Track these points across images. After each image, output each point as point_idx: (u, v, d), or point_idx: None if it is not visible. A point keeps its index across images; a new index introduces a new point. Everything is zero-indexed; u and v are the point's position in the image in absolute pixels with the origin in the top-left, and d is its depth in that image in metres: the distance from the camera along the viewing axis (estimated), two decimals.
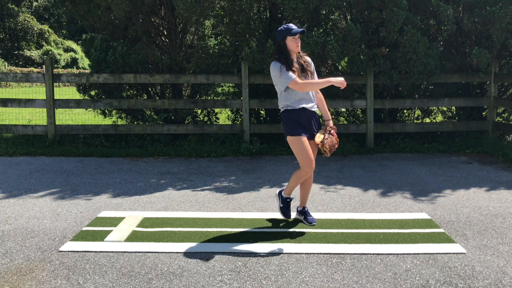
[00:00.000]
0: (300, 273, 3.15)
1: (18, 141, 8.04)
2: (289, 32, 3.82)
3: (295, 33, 3.83)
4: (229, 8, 7.54)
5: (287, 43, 3.87)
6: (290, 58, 3.88)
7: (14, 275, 3.11)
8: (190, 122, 8.44)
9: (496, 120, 8.06)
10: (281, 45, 3.88)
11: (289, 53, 3.88)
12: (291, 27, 3.84)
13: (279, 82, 3.86)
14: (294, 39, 3.86)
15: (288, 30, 3.83)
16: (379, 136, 8.14)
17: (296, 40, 3.87)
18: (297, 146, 3.82)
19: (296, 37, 3.86)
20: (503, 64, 8.28)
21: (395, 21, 7.07)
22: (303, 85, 3.76)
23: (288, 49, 3.87)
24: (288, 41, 3.86)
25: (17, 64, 34.65)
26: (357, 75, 7.71)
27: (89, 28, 8.76)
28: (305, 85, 3.77)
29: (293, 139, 3.84)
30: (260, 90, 8.34)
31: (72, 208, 4.57)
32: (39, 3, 44.78)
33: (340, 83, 3.78)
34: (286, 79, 3.78)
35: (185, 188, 5.39)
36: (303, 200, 4.16)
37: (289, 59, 3.87)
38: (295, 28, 3.85)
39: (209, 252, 3.48)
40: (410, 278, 3.08)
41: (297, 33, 3.84)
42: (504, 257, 3.41)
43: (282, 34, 3.86)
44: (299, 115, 3.88)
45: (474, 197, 4.95)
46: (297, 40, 3.88)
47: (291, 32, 3.82)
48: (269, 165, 6.63)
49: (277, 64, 3.85)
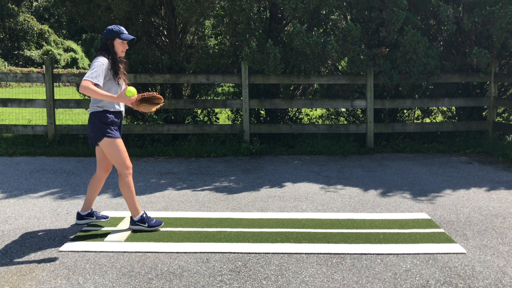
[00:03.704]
0: (300, 273, 3.15)
1: (18, 141, 8.04)
2: (119, 35, 3.79)
3: (125, 39, 3.80)
4: (229, 8, 7.55)
5: (114, 44, 3.81)
6: (118, 60, 3.83)
7: (14, 275, 3.11)
8: (190, 122, 8.44)
9: (496, 120, 8.06)
10: (108, 44, 3.79)
11: (116, 53, 3.82)
12: (122, 31, 3.81)
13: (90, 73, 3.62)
14: (123, 43, 3.83)
15: (119, 33, 3.79)
16: (379, 136, 8.14)
17: (124, 45, 3.84)
18: (116, 148, 3.78)
19: (125, 42, 3.83)
20: (503, 64, 8.28)
21: (395, 21, 7.07)
22: (92, 91, 3.55)
23: (114, 50, 3.81)
24: (116, 43, 3.80)
25: (17, 64, 34.67)
26: (357, 75, 7.71)
27: (89, 28, 8.76)
28: (95, 92, 3.56)
29: (111, 141, 3.77)
30: (260, 90, 8.35)
31: (72, 208, 4.57)
32: (39, 3, 44.77)
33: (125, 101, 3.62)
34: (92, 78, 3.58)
35: (185, 188, 5.39)
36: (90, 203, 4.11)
37: (116, 59, 3.80)
38: (126, 33, 3.83)
39: (209, 252, 3.48)
40: (410, 278, 3.08)
41: (127, 40, 3.81)
42: (504, 257, 3.41)
43: (111, 34, 3.78)
44: (117, 117, 3.84)
45: (474, 197, 4.95)
46: (125, 46, 3.85)
47: (121, 36, 3.79)
48: (269, 165, 6.63)
49: (105, 60, 3.72)
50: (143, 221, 3.91)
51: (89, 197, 4.08)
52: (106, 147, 3.78)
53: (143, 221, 3.91)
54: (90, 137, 3.85)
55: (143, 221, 3.91)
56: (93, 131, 3.78)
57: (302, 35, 7.05)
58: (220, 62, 8.10)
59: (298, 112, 8.85)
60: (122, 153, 3.80)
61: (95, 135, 3.79)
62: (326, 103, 7.85)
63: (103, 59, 3.72)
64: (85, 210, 4.11)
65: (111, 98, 3.59)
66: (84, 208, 4.11)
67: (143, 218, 3.92)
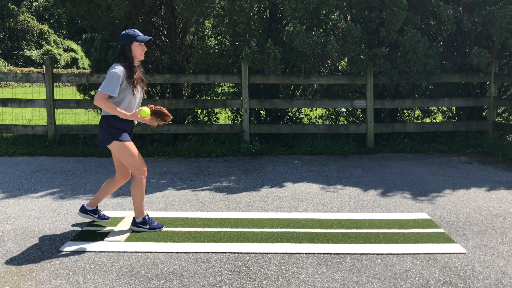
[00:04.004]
0: (300, 273, 3.15)
1: (18, 141, 8.04)
2: (136, 38, 3.76)
3: (142, 40, 3.77)
4: (229, 8, 7.55)
5: (132, 49, 3.76)
6: (134, 66, 3.78)
7: (14, 275, 3.11)
8: (190, 122, 8.44)
9: (496, 120, 8.06)
10: (125, 50, 3.75)
11: (133, 59, 3.79)
12: (138, 33, 3.78)
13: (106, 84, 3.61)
14: (140, 46, 3.80)
15: (135, 36, 3.76)
16: (379, 136, 8.14)
17: (142, 47, 3.81)
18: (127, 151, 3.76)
19: (143, 44, 3.80)
20: (503, 64, 8.28)
21: (395, 21, 7.07)
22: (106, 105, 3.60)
23: (132, 55, 3.77)
24: (134, 47, 3.77)
25: (17, 64, 34.67)
26: (357, 75, 7.71)
27: (89, 28, 8.76)
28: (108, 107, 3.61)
29: (120, 144, 3.74)
30: (260, 90, 8.35)
31: (72, 208, 4.57)
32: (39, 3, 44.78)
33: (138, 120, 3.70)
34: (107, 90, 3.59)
35: (185, 188, 5.39)
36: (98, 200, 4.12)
37: (133, 67, 3.76)
38: (142, 35, 3.80)
39: (209, 252, 3.48)
40: (410, 278, 3.08)
41: (144, 41, 3.78)
42: (504, 257, 3.41)
43: (128, 38, 3.75)
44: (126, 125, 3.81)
45: (474, 197, 4.95)
46: (143, 48, 3.82)
47: (138, 39, 3.76)
48: (269, 165, 6.63)
49: (121, 68, 3.67)
50: (145, 223, 3.92)
51: (99, 194, 4.08)
52: (117, 151, 3.78)
53: (144, 223, 3.92)
54: (99, 139, 3.84)
55: (145, 223, 3.92)
56: (102, 134, 3.78)
57: (302, 35, 7.05)
58: (220, 62, 8.10)
59: (298, 112, 8.85)
60: (134, 156, 3.78)
61: (103, 138, 3.78)
62: (326, 103, 7.85)
63: (119, 68, 3.67)
64: (91, 206, 4.11)
65: (124, 115, 3.64)
66: (91, 204, 4.11)
67: (145, 220, 3.92)
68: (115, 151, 3.79)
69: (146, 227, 3.91)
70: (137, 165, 3.80)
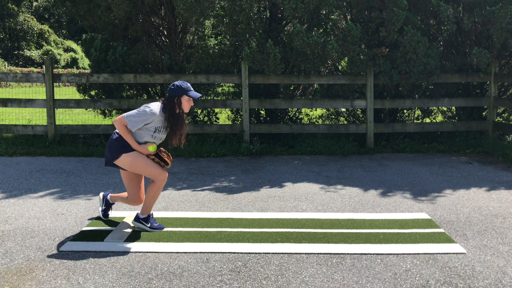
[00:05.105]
0: (300, 273, 3.15)
1: (18, 141, 8.04)
2: (187, 93, 3.74)
3: (193, 96, 3.76)
4: (229, 8, 7.55)
5: (182, 101, 3.76)
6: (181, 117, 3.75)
7: (14, 275, 3.11)
8: (190, 122, 8.44)
9: (496, 120, 8.06)
10: (174, 101, 3.74)
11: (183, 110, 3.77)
12: (190, 88, 3.77)
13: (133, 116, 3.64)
14: (189, 101, 3.79)
15: (187, 90, 3.74)
16: (379, 136, 8.14)
17: (190, 102, 3.81)
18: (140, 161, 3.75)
19: (191, 99, 3.80)
20: (503, 64, 8.28)
21: (395, 21, 7.07)
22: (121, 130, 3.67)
23: (181, 107, 3.76)
24: (183, 100, 3.76)
25: (17, 64, 34.66)
26: (357, 75, 7.71)
27: (89, 28, 8.77)
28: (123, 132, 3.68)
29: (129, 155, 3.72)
30: (260, 90, 8.35)
31: (72, 208, 4.57)
32: (39, 3, 44.78)
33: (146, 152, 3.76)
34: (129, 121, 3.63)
35: (185, 188, 5.39)
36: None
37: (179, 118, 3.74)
38: (193, 90, 3.79)
39: (209, 252, 3.48)
40: (410, 278, 3.08)
41: (195, 98, 3.77)
42: (504, 257, 3.41)
43: (180, 91, 3.74)
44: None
45: (474, 197, 4.95)
46: (191, 102, 3.82)
47: (189, 94, 3.75)
48: (269, 165, 6.63)
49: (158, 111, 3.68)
50: (147, 221, 3.93)
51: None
52: (130, 165, 3.75)
53: (147, 221, 3.93)
54: (106, 157, 3.83)
55: (147, 220, 3.93)
56: (109, 150, 3.78)
57: (302, 35, 7.05)
58: (220, 62, 8.10)
59: (298, 112, 8.85)
60: (149, 164, 3.77)
61: (111, 154, 3.76)
62: (326, 103, 7.85)
63: (156, 109, 3.68)
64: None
65: (133, 145, 3.70)
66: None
67: (148, 219, 3.93)
68: (129, 166, 3.76)
69: (147, 225, 3.91)
70: (157, 173, 3.79)
